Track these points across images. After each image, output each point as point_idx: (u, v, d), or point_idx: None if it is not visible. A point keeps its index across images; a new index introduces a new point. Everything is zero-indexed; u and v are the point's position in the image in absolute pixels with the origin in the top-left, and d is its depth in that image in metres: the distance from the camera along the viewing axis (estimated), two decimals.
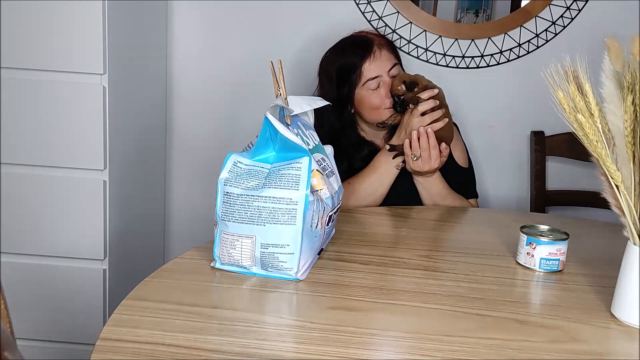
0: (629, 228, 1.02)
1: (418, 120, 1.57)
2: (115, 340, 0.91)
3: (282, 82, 1.19)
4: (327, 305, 1.06)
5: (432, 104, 1.58)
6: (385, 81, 1.64)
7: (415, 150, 1.56)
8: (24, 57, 1.60)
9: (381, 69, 1.64)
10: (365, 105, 1.66)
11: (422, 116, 1.57)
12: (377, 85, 1.64)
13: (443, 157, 1.59)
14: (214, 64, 2.12)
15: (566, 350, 0.96)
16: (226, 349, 0.90)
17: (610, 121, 1.00)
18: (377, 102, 1.64)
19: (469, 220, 1.61)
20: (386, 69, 1.64)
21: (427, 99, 1.58)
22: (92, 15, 1.57)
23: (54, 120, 1.63)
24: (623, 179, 1.00)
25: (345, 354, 0.91)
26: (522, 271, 1.23)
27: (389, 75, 1.64)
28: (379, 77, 1.64)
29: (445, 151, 1.59)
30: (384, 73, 1.64)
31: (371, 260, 1.24)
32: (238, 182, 1.12)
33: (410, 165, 1.59)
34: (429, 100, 1.58)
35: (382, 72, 1.64)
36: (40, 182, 1.66)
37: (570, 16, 2.01)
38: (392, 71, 1.65)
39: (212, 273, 1.15)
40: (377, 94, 1.64)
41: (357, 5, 2.04)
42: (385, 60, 1.65)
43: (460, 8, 2.06)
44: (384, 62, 1.65)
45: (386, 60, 1.65)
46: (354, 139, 1.72)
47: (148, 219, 2.06)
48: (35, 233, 1.69)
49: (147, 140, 2.00)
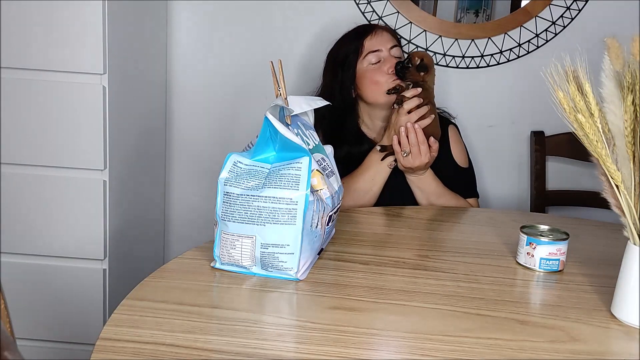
0: (629, 228, 1.02)
1: (405, 118, 1.59)
2: (115, 340, 0.91)
3: (282, 82, 1.19)
4: (327, 305, 1.06)
5: (416, 101, 1.60)
6: (385, 57, 1.67)
7: (405, 147, 1.58)
8: (24, 57, 1.60)
9: (382, 44, 1.68)
10: (366, 80, 1.68)
11: (408, 114, 1.59)
12: (377, 59, 1.67)
13: (433, 152, 1.60)
14: (214, 64, 2.12)
15: (566, 350, 0.96)
16: (226, 349, 0.90)
17: (610, 121, 1.00)
18: (377, 77, 1.66)
19: (469, 220, 1.61)
20: (387, 46, 1.68)
21: (411, 97, 1.60)
22: (92, 15, 1.57)
23: (54, 120, 1.63)
24: (623, 179, 1.00)
25: (345, 354, 0.91)
26: (522, 271, 1.23)
27: (390, 53, 1.67)
28: (379, 50, 1.67)
29: (435, 145, 1.60)
30: (384, 48, 1.68)
31: (371, 260, 1.24)
32: (238, 182, 1.12)
33: (402, 162, 1.60)
34: (413, 99, 1.60)
35: (383, 47, 1.68)
36: (40, 182, 1.66)
37: (570, 16, 2.01)
38: (394, 51, 1.68)
39: (212, 273, 1.15)
40: (378, 69, 1.67)
41: (357, 5, 2.04)
42: (386, 38, 1.70)
43: (460, 8, 2.06)
44: (385, 39, 1.69)
45: (387, 39, 1.70)
46: (354, 129, 1.74)
47: (148, 218, 2.06)
48: (35, 233, 1.69)
49: (147, 140, 2.00)
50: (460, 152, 1.75)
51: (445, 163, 1.70)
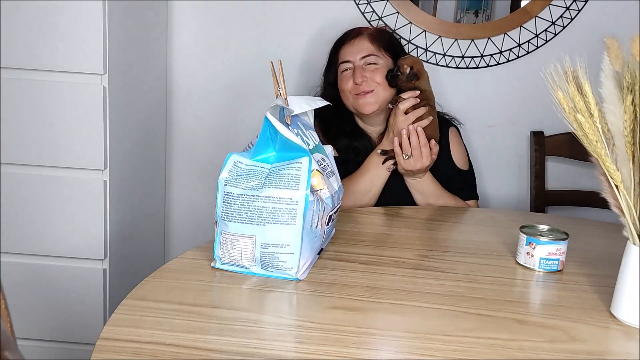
0: (629, 228, 1.02)
1: (403, 119, 1.60)
2: (115, 340, 0.91)
3: (282, 82, 1.19)
4: (327, 305, 1.06)
5: (412, 101, 1.62)
6: (356, 67, 1.69)
7: (407, 150, 1.58)
8: (24, 57, 1.60)
9: (352, 55, 1.71)
10: (339, 87, 1.73)
11: (405, 115, 1.60)
12: (346, 68, 1.71)
13: (433, 155, 1.61)
14: (214, 64, 2.12)
15: (566, 350, 0.96)
16: (226, 349, 0.90)
17: (609, 121, 1.00)
18: (344, 85, 1.70)
19: (469, 220, 1.62)
20: (358, 55, 1.70)
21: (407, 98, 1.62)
22: (92, 15, 1.57)
23: (54, 120, 1.63)
24: (622, 179, 1.00)
25: (345, 354, 0.91)
26: (522, 271, 1.23)
27: (361, 62, 1.69)
28: (348, 62, 1.71)
29: (435, 148, 1.60)
30: (354, 59, 1.70)
31: (371, 260, 1.24)
32: (238, 182, 1.12)
33: (402, 165, 1.60)
34: (409, 98, 1.61)
35: (352, 58, 1.70)
36: (40, 182, 1.66)
37: (570, 16, 2.01)
38: (368, 59, 1.69)
39: (212, 273, 1.15)
40: (346, 78, 1.70)
41: (357, 6, 2.04)
42: (359, 48, 1.71)
43: (460, 8, 2.06)
44: (359, 49, 1.71)
45: (361, 49, 1.71)
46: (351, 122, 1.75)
47: (148, 219, 2.06)
48: (35, 233, 1.69)
49: (147, 140, 2.00)
50: (461, 154, 1.75)
51: (445, 165, 1.70)
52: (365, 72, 1.67)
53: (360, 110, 1.68)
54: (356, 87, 1.67)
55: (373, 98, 1.66)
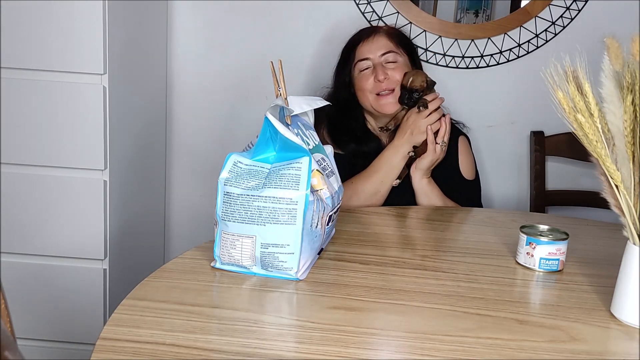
0: (629, 228, 1.02)
1: (425, 120, 1.63)
2: (115, 340, 0.91)
3: (282, 82, 1.19)
4: (327, 305, 1.06)
5: (439, 101, 1.66)
6: (376, 64, 1.68)
7: (446, 136, 1.63)
8: (24, 57, 1.60)
9: (371, 52, 1.70)
10: (356, 86, 1.72)
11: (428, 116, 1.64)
12: (366, 67, 1.70)
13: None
14: (214, 64, 2.12)
15: (566, 350, 0.96)
16: (226, 349, 0.90)
17: (609, 121, 1.00)
18: (363, 84, 1.69)
19: (469, 220, 1.62)
20: (378, 53, 1.69)
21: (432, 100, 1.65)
22: (92, 15, 1.57)
23: (54, 120, 1.63)
24: (622, 178, 1.00)
25: (345, 354, 0.91)
26: (522, 271, 1.23)
27: (381, 60, 1.69)
28: (367, 59, 1.70)
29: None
30: (374, 56, 1.69)
31: (371, 260, 1.24)
32: (238, 182, 1.12)
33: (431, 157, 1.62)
34: (436, 100, 1.65)
35: (372, 55, 1.70)
36: (40, 182, 1.66)
37: (570, 16, 2.01)
38: (387, 56, 1.69)
39: (212, 273, 1.15)
40: (365, 76, 1.69)
41: (357, 6, 2.04)
42: (378, 45, 1.70)
43: (460, 8, 2.06)
44: (378, 46, 1.70)
45: (380, 46, 1.70)
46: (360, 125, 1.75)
47: (148, 218, 2.06)
48: (35, 233, 1.69)
49: (147, 140, 2.00)
50: (468, 164, 1.75)
51: (451, 173, 1.70)
52: (387, 70, 1.67)
53: (381, 110, 1.68)
54: (377, 85, 1.67)
55: (393, 98, 1.67)
